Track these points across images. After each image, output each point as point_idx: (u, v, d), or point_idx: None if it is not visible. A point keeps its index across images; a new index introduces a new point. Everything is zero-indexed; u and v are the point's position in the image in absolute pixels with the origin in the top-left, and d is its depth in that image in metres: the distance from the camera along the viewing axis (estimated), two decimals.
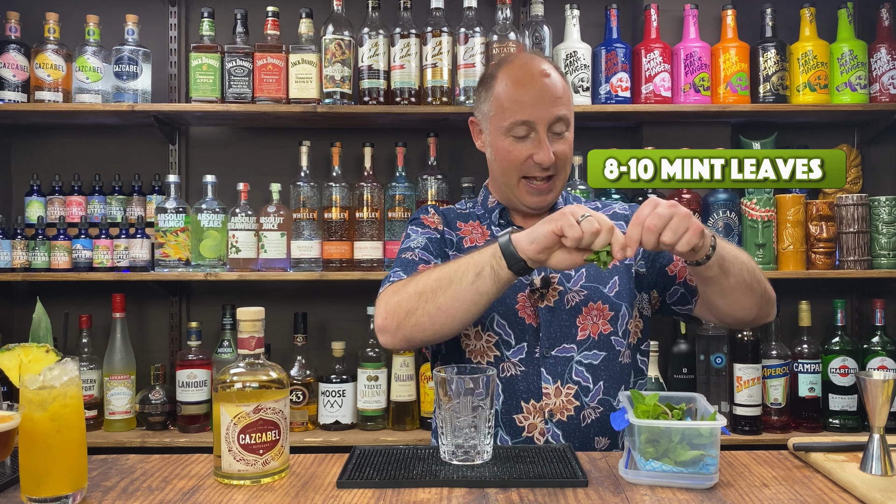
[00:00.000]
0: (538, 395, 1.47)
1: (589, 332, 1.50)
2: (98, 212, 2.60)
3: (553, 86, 1.51)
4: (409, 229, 1.64)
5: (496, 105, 1.54)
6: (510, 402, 1.48)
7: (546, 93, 1.50)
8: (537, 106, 1.49)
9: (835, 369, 2.45)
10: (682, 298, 1.56)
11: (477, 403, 1.17)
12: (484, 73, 1.65)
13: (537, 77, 1.51)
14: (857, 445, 1.22)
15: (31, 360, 1.08)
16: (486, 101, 1.57)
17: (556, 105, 1.50)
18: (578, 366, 1.49)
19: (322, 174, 2.61)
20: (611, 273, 1.55)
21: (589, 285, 1.54)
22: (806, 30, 2.59)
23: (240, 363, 1.17)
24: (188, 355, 2.44)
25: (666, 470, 1.10)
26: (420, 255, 1.54)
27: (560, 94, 1.52)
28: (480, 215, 1.65)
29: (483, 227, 1.62)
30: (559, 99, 1.51)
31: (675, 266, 1.56)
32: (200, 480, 1.16)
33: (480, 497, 1.06)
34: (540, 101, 1.49)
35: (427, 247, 1.56)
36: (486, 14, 2.60)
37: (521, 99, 1.50)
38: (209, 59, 2.45)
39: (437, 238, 1.59)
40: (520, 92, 1.50)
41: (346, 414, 2.47)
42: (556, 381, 1.47)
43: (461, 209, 1.69)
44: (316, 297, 2.71)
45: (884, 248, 2.49)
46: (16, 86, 2.46)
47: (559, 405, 1.47)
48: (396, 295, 1.39)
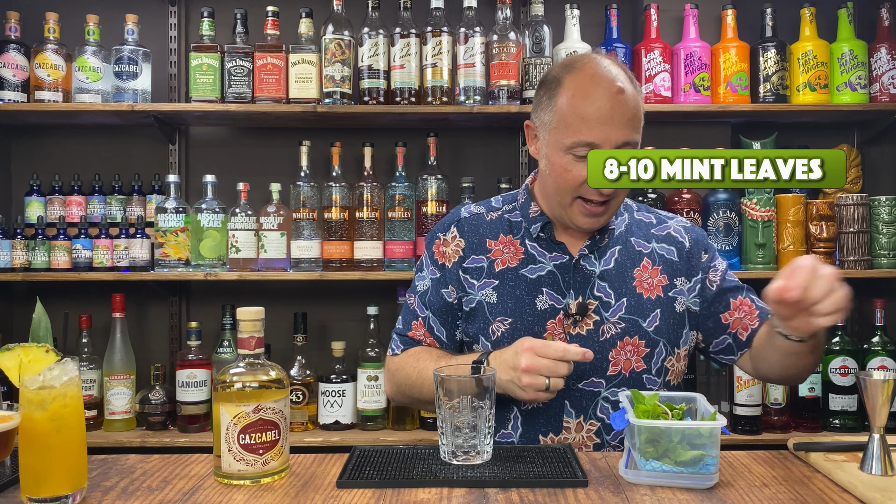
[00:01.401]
0: (558, 429, 1.43)
1: (621, 367, 1.43)
2: (98, 212, 2.60)
3: (626, 104, 1.35)
4: (424, 254, 1.58)
5: (559, 118, 1.38)
6: (528, 435, 1.44)
7: (617, 112, 1.34)
8: (606, 126, 1.34)
9: (835, 369, 2.45)
10: (728, 349, 1.51)
11: (477, 403, 1.17)
12: (548, 75, 1.46)
13: (609, 92, 1.34)
14: (857, 445, 1.22)
15: (31, 360, 1.08)
16: (548, 109, 1.41)
17: (626, 127, 1.35)
18: (605, 402, 1.43)
19: (322, 174, 2.61)
20: (653, 305, 1.46)
21: (628, 317, 1.44)
22: (806, 30, 2.59)
23: (240, 363, 1.17)
24: (188, 355, 2.44)
25: (666, 470, 1.10)
26: (417, 305, 1.55)
27: (633, 113, 1.36)
28: (516, 223, 1.53)
29: (517, 244, 1.50)
30: (631, 120, 1.36)
31: (730, 315, 1.50)
32: (200, 480, 1.16)
33: (480, 497, 1.06)
34: (610, 121, 1.34)
35: (426, 294, 1.53)
36: (486, 14, 2.60)
37: (589, 117, 1.34)
38: (209, 58, 2.45)
39: (437, 280, 1.52)
40: (588, 108, 1.34)
41: (346, 414, 2.47)
42: (580, 416, 1.42)
43: (494, 212, 1.56)
44: (316, 297, 2.71)
45: (884, 247, 2.49)
46: (16, 86, 2.46)
47: (579, 440, 1.42)
48: (395, 385, 1.55)
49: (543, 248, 1.50)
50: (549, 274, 1.47)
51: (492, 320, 1.47)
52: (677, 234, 1.55)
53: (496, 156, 2.73)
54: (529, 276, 1.48)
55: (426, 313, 1.53)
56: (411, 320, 1.55)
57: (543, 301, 1.46)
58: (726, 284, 1.53)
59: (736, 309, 1.50)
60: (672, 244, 1.53)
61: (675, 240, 1.53)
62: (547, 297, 1.46)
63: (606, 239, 1.49)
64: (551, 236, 1.50)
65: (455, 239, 1.53)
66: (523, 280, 1.48)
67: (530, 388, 1.27)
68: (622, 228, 1.53)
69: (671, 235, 1.54)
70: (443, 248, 1.54)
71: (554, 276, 1.47)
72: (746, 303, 1.51)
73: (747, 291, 1.53)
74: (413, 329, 1.54)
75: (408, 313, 1.57)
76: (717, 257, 1.56)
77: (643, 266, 1.49)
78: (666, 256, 1.51)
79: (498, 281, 1.48)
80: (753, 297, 1.53)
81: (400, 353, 1.55)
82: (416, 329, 1.54)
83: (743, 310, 1.50)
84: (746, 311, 1.50)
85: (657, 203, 2.46)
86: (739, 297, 1.52)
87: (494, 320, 1.47)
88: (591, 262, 1.48)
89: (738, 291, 1.52)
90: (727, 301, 1.51)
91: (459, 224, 1.55)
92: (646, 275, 1.49)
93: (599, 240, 1.49)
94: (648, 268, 1.49)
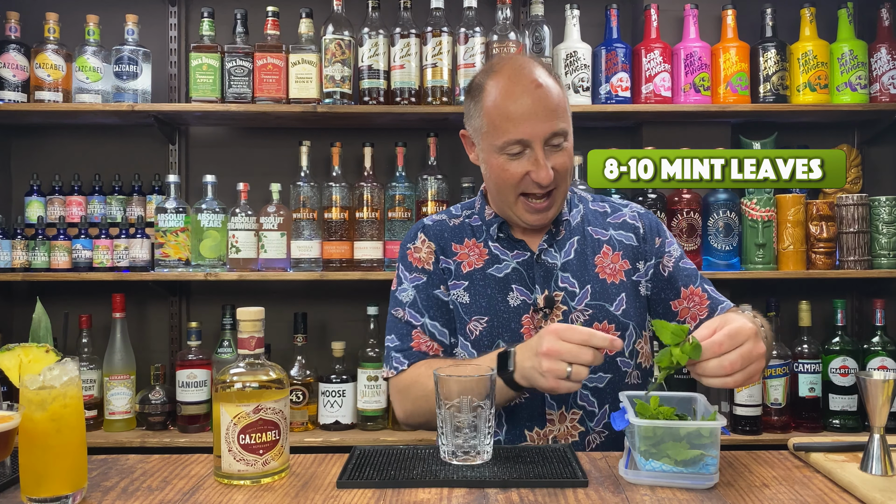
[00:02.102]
0: (542, 422, 1.44)
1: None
2: (98, 212, 2.60)
3: (547, 97, 1.39)
4: (399, 270, 1.57)
5: (487, 121, 1.43)
6: (514, 432, 1.45)
7: (540, 106, 1.38)
8: (531, 122, 1.38)
9: (835, 369, 2.45)
10: None
11: (477, 403, 1.16)
12: (472, 82, 1.50)
13: (529, 88, 1.39)
14: (857, 445, 1.22)
15: (31, 360, 1.08)
16: (477, 115, 1.46)
17: (551, 119, 1.39)
18: (583, 389, 1.44)
19: (322, 174, 2.61)
20: (617, 290, 1.49)
21: (594, 303, 1.47)
22: (806, 30, 2.58)
23: (240, 363, 1.17)
24: (188, 355, 2.44)
25: (666, 470, 1.10)
26: (409, 315, 1.51)
27: (555, 104, 1.40)
28: (477, 227, 1.56)
29: (480, 246, 1.53)
30: (554, 111, 1.39)
31: (679, 304, 1.51)
32: (200, 480, 1.16)
33: (480, 497, 1.06)
34: (534, 115, 1.38)
35: (415, 302, 1.51)
36: (486, 14, 2.60)
37: (514, 115, 1.38)
38: (209, 58, 2.45)
39: (425, 283, 1.52)
40: (512, 107, 1.38)
41: (346, 414, 2.47)
42: (561, 407, 1.44)
43: (456, 218, 1.59)
44: (316, 297, 2.71)
45: (884, 248, 2.49)
46: (16, 86, 2.46)
47: (563, 431, 1.44)
48: (412, 401, 1.45)
49: (505, 247, 1.53)
50: (515, 271, 1.50)
51: (468, 320, 1.49)
52: (633, 220, 1.57)
53: None
54: (497, 274, 1.50)
55: (422, 320, 1.51)
56: (409, 332, 1.50)
57: (515, 297, 1.48)
58: (679, 272, 1.53)
59: (686, 298, 1.51)
60: (629, 230, 1.56)
61: (631, 226, 1.56)
62: (517, 294, 1.48)
63: (563, 231, 1.53)
64: (509, 235, 1.53)
65: (425, 243, 1.55)
66: (492, 279, 1.50)
67: (550, 375, 1.18)
68: (578, 219, 1.56)
69: (627, 222, 1.57)
70: (416, 255, 1.55)
71: (519, 273, 1.50)
72: (698, 293, 1.52)
73: (701, 281, 1.54)
74: (415, 339, 1.50)
75: (401, 327, 1.51)
76: (672, 244, 1.58)
77: (603, 253, 1.52)
78: (625, 242, 1.54)
79: (468, 282, 1.50)
80: (708, 287, 1.54)
81: (406, 369, 1.48)
82: (418, 338, 1.50)
83: (693, 299, 1.51)
84: (697, 302, 1.51)
85: (657, 203, 2.46)
86: (691, 287, 1.52)
87: (470, 320, 1.49)
88: (552, 255, 1.51)
89: (691, 280, 1.53)
90: (678, 289, 1.52)
91: (425, 229, 1.58)
92: (607, 261, 1.51)
93: (556, 233, 1.52)
94: (609, 254, 1.52)
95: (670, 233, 1.61)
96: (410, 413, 1.47)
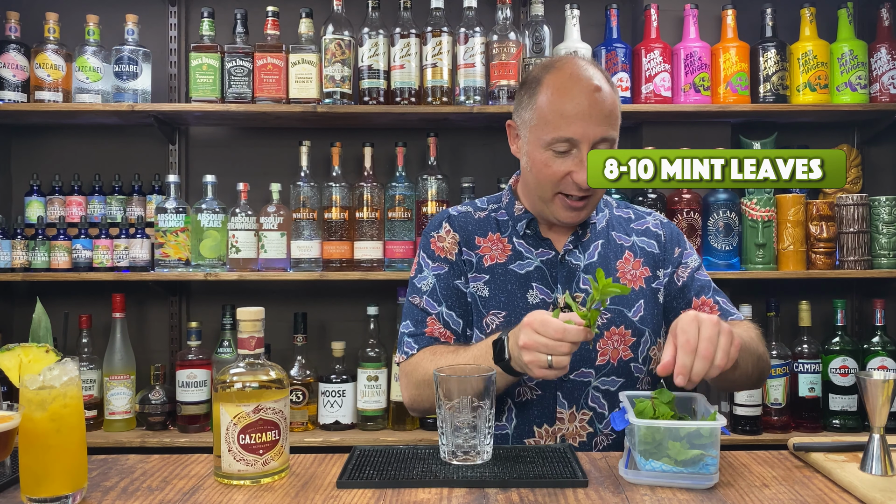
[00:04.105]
0: (552, 420, 1.45)
1: (609, 357, 1.46)
2: (98, 212, 2.60)
3: (603, 101, 1.40)
4: (419, 256, 1.57)
5: (538, 115, 1.43)
6: (522, 427, 1.46)
7: (595, 109, 1.40)
8: (583, 123, 1.39)
9: (835, 369, 2.45)
10: None
11: (477, 403, 1.16)
12: (528, 76, 1.52)
13: (587, 90, 1.40)
14: (857, 445, 1.22)
15: (31, 360, 1.08)
16: (528, 107, 1.46)
17: (603, 124, 1.40)
18: (595, 391, 1.46)
19: (322, 174, 2.61)
20: (636, 296, 1.50)
21: (613, 308, 1.48)
22: (806, 30, 2.58)
23: (240, 363, 1.17)
24: (188, 355, 2.44)
25: (666, 470, 1.10)
26: (426, 303, 1.52)
27: (609, 111, 1.42)
28: (503, 222, 1.56)
29: (504, 241, 1.54)
30: (608, 118, 1.41)
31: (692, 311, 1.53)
32: (200, 480, 1.16)
33: (480, 497, 1.06)
34: (588, 117, 1.39)
35: (434, 291, 1.52)
36: (486, 14, 2.60)
37: (568, 113, 1.39)
38: (209, 58, 2.45)
39: (446, 273, 1.52)
40: (568, 105, 1.40)
41: (346, 414, 2.47)
42: (572, 406, 1.45)
43: (481, 211, 1.59)
44: (316, 297, 2.71)
45: (884, 248, 2.49)
46: (16, 86, 2.46)
47: (572, 431, 1.45)
48: (414, 385, 1.46)
49: (530, 244, 1.54)
50: (537, 269, 1.51)
51: (485, 313, 1.50)
52: (655, 228, 1.60)
53: (496, 156, 2.73)
54: (518, 271, 1.51)
55: (439, 309, 1.51)
56: (424, 318, 1.51)
57: (534, 295, 1.49)
58: (693, 282, 1.55)
59: (696, 308, 1.51)
60: (651, 237, 1.58)
61: (654, 234, 1.59)
62: (537, 292, 1.49)
63: (589, 234, 1.54)
64: (537, 233, 1.54)
65: (449, 233, 1.56)
66: (513, 275, 1.51)
67: (533, 366, 1.21)
68: (603, 224, 1.58)
69: (650, 230, 1.59)
70: (440, 244, 1.55)
71: (542, 272, 1.51)
72: (709, 303, 1.53)
73: (713, 292, 1.55)
74: (429, 326, 1.51)
75: (417, 313, 1.53)
76: (691, 255, 1.59)
77: (625, 258, 1.54)
78: (647, 249, 1.56)
79: (488, 276, 1.51)
80: (720, 298, 1.55)
81: (416, 353, 1.50)
82: (432, 325, 1.51)
83: (704, 309, 1.52)
84: (707, 312, 1.50)
85: (657, 203, 2.46)
86: (703, 297, 1.54)
87: (488, 313, 1.49)
88: (577, 256, 1.52)
89: (703, 291, 1.55)
90: (689, 298, 1.54)
91: (451, 220, 1.58)
92: (628, 266, 1.53)
93: (582, 234, 1.53)
94: (630, 260, 1.54)
95: (691, 244, 1.62)
96: (414, 397, 1.48)
